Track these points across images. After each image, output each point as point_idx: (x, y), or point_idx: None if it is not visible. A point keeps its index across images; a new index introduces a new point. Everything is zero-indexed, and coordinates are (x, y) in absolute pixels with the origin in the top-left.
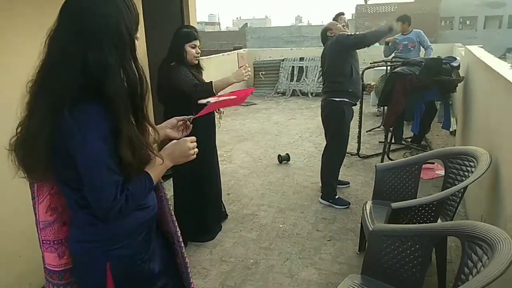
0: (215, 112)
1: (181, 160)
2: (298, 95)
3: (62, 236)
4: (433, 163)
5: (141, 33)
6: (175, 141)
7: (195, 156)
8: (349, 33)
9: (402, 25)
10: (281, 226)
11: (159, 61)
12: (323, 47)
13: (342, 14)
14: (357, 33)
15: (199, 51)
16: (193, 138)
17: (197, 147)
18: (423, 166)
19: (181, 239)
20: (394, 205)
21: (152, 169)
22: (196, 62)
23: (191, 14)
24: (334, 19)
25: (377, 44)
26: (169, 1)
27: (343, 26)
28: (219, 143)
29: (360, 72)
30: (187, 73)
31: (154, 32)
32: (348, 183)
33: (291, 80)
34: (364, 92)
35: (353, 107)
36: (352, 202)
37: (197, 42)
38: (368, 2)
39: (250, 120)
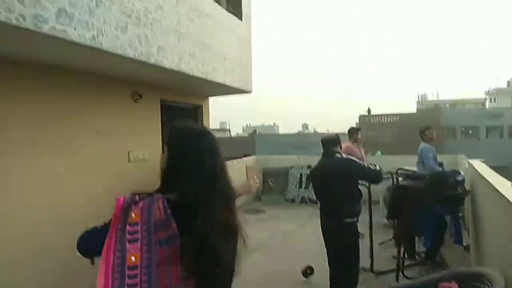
0: None
1: None
2: (307, 202)
3: None
4: (450, 282)
5: (157, 143)
6: None
7: None
8: (363, 164)
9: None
10: None
11: None
12: (326, 158)
13: (359, 129)
14: (370, 166)
15: None
16: None
17: None
18: (443, 284)
19: None
20: None
21: None
22: None
23: (204, 122)
24: (350, 133)
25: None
26: (185, 110)
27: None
28: None
29: None
30: None
31: None
32: None
33: (300, 187)
34: None
35: None
36: None
37: None
38: (371, 114)
39: (258, 229)
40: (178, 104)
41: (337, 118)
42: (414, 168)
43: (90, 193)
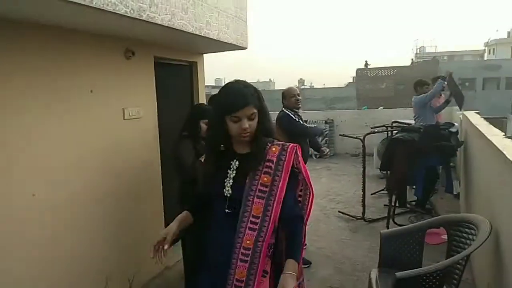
0: None
1: None
2: None
3: None
4: (439, 228)
5: (152, 100)
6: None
7: None
8: (294, 118)
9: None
10: None
11: (170, 128)
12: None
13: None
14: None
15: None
16: None
17: None
18: (430, 230)
19: None
20: (399, 274)
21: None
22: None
23: (199, 79)
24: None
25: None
26: (179, 67)
27: (297, 100)
28: None
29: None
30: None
31: (165, 99)
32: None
33: None
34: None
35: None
36: (359, 270)
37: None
38: (369, 66)
39: None
40: (172, 61)
41: (333, 73)
42: (409, 121)
43: (86, 153)
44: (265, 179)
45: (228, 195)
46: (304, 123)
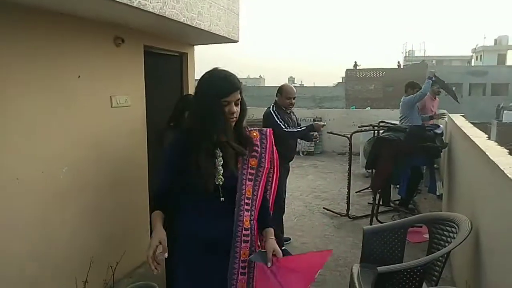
0: None
1: None
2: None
3: None
4: (421, 226)
5: (140, 89)
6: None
7: None
8: (282, 125)
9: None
10: None
11: (158, 117)
12: None
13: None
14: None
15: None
16: None
17: None
18: (412, 229)
19: None
20: (380, 269)
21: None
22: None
23: (189, 70)
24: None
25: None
26: (169, 57)
27: (290, 104)
28: None
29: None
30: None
31: (154, 89)
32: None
33: None
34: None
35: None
36: (342, 265)
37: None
38: (358, 67)
39: None
40: (162, 50)
41: (323, 72)
42: (396, 122)
43: (71, 139)
44: (253, 162)
45: (221, 183)
46: (288, 123)
